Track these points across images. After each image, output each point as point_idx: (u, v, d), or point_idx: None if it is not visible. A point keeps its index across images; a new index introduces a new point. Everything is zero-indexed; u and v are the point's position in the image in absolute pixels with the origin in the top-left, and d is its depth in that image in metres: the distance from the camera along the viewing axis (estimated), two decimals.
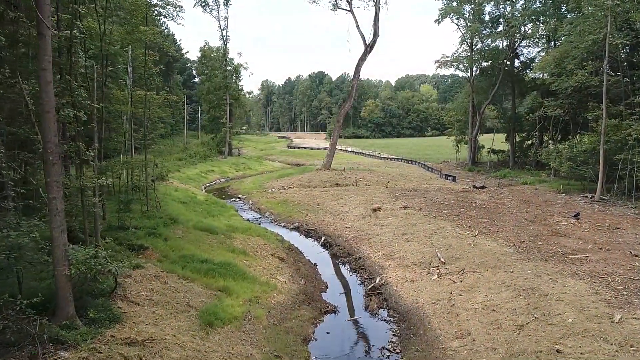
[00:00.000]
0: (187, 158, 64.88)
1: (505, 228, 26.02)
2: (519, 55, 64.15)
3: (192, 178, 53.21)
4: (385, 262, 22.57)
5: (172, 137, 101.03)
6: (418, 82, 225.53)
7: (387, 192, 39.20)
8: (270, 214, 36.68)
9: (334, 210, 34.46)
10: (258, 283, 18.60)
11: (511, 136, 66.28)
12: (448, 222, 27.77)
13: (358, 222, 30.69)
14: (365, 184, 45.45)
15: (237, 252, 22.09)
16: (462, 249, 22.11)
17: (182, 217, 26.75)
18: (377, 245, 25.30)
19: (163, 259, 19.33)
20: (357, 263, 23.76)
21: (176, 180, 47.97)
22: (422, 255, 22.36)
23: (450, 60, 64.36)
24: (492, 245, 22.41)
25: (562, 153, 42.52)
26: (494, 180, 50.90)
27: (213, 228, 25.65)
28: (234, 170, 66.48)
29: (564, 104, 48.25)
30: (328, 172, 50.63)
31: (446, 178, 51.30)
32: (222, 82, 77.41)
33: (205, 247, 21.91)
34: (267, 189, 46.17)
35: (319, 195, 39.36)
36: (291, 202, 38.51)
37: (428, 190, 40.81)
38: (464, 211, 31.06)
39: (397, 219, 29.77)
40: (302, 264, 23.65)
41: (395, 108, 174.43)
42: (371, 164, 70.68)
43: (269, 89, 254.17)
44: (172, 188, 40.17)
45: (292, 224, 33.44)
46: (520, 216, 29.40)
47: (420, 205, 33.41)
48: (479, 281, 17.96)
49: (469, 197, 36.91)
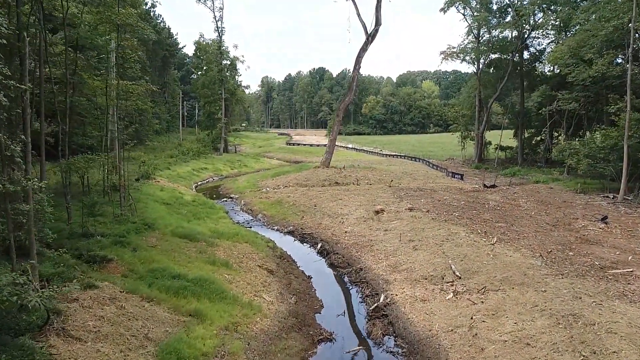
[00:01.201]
0: (179, 155, 61.72)
1: (526, 234, 22.89)
2: (528, 47, 60.86)
3: (183, 176, 50.11)
4: (391, 275, 19.46)
5: (167, 134, 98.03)
6: (420, 78, 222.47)
7: (391, 192, 36.09)
8: (263, 216, 33.56)
9: (333, 212, 31.35)
10: (239, 304, 15.50)
11: (520, 132, 63.13)
12: (460, 226, 24.64)
13: (359, 226, 27.58)
14: (367, 183, 42.33)
15: (219, 263, 18.98)
16: (480, 260, 19.00)
17: (160, 222, 23.67)
18: (381, 254, 22.19)
19: (128, 274, 16.29)
20: (358, 275, 20.65)
21: (165, 179, 44.91)
22: (433, 267, 19.25)
23: (457, 52, 61.12)
24: (514, 255, 19.29)
25: (580, 150, 39.32)
26: (504, 179, 47.77)
27: (194, 234, 22.55)
28: (229, 167, 63.35)
29: (579, 96, 45.08)
30: (327, 170, 47.45)
31: (453, 176, 48.17)
32: (217, 75, 74.25)
33: (181, 258, 18.83)
34: (261, 188, 43.06)
35: (317, 196, 36.24)
36: (286, 203, 35.39)
37: (435, 189, 37.67)
38: (476, 214, 27.92)
39: (403, 222, 26.66)
40: (294, 276, 20.54)
41: (397, 104, 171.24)
42: (373, 161, 67.56)
43: (269, 86, 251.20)
44: (157, 187, 37.13)
45: (286, 227, 30.34)
46: (540, 220, 26.27)
47: (428, 206, 30.30)
48: (504, 303, 14.84)
49: (480, 198, 33.78)
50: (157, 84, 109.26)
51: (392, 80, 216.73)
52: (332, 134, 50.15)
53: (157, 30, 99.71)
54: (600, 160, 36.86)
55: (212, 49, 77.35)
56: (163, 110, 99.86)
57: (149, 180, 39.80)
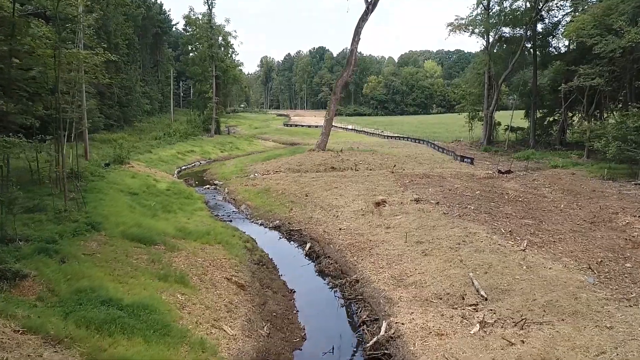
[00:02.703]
0: (164, 137, 57.16)
1: (562, 235, 18.57)
2: (543, 19, 55.64)
3: (165, 160, 45.73)
4: (395, 292, 15.17)
5: (160, 115, 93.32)
6: (422, 58, 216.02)
7: (393, 179, 31.71)
8: (247, 207, 29.23)
9: (326, 203, 26.98)
10: (187, 343, 11.23)
11: (532, 112, 58.31)
12: (479, 224, 20.31)
13: (356, 222, 23.24)
14: (367, 168, 37.90)
15: (173, 278, 14.66)
16: (510, 273, 14.71)
17: (111, 219, 19.33)
18: (382, 260, 17.88)
19: (45, 297, 11.99)
20: (353, 290, 16.37)
21: (143, 163, 40.58)
22: (449, 281, 14.96)
23: (465, 23, 55.94)
24: (555, 267, 14.99)
25: (608, 131, 34.77)
26: (518, 163, 43.28)
27: (152, 235, 18.21)
28: (219, 150, 58.84)
29: (604, 71, 40.31)
30: (322, 154, 42.90)
31: (462, 160, 43.66)
32: (207, 52, 69.19)
33: (123, 270, 14.52)
34: (249, 174, 38.64)
35: (309, 183, 31.87)
36: (274, 192, 31.03)
37: (443, 176, 33.26)
38: (495, 207, 23.57)
39: (408, 217, 22.33)
40: (272, 291, 16.28)
41: (398, 84, 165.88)
42: (373, 143, 63.01)
43: (268, 66, 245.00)
44: (129, 174, 32.75)
45: (271, 221, 26.02)
46: (573, 215, 21.93)
47: (437, 197, 25.93)
48: (555, 345, 10.56)
49: (496, 186, 29.41)
50: (149, 62, 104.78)
51: (393, 60, 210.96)
52: (328, 114, 45.44)
53: (147, 5, 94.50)
54: (632, 143, 32.36)
55: (202, 22, 72.09)
56: (155, 90, 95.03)
57: (121, 166, 35.41)
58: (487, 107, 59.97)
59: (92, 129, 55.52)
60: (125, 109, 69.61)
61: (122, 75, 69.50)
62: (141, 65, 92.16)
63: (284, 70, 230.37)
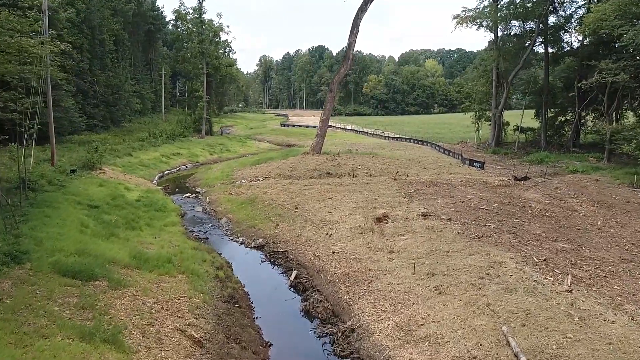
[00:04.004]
0: (148, 138, 53.24)
1: (612, 266, 14.75)
2: (557, 11, 51.76)
3: (147, 164, 41.84)
4: (402, 350, 11.35)
5: (153, 115, 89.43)
6: (423, 57, 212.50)
7: (397, 188, 27.87)
8: (228, 221, 25.39)
9: (318, 217, 23.12)
10: None
11: (543, 111, 54.47)
12: (503, 249, 16.46)
13: (353, 242, 19.40)
14: (366, 174, 34.05)
15: (101, 337, 10.76)
16: (558, 327, 10.88)
17: (46, 245, 15.45)
18: (385, 300, 14.05)
19: None
20: (348, 343, 12.54)
21: (119, 168, 36.74)
22: (474, 336, 11.14)
23: (473, 16, 51.99)
24: (617, 320, 11.14)
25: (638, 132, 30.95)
26: (532, 168, 39.42)
27: (91, 268, 14.28)
28: (207, 153, 54.90)
29: (628, 65, 36.47)
30: (317, 158, 38.93)
31: (471, 164, 39.73)
32: (198, 47, 65.27)
33: (34, 327, 10.64)
34: (235, 180, 34.79)
35: (300, 192, 28.02)
36: (260, 203, 27.18)
37: (453, 184, 29.41)
38: (520, 224, 19.74)
39: (416, 238, 18.50)
40: (240, 346, 12.41)
41: (399, 83, 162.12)
42: (374, 145, 59.12)
43: (267, 65, 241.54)
44: (97, 181, 28.95)
45: (254, 239, 22.19)
46: (616, 235, 18.12)
47: (448, 211, 22.10)
48: None
49: (515, 196, 25.58)
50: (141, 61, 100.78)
51: (394, 59, 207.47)
52: (324, 113, 41.43)
53: (138, 0, 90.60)
54: None
55: (193, 17, 68.20)
56: (147, 89, 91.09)
57: (91, 172, 31.59)
58: (495, 106, 56.08)
59: (71, 129, 51.92)
60: (112, 109, 65.90)
61: (109, 72, 65.89)
62: (132, 64, 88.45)
63: (283, 69, 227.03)
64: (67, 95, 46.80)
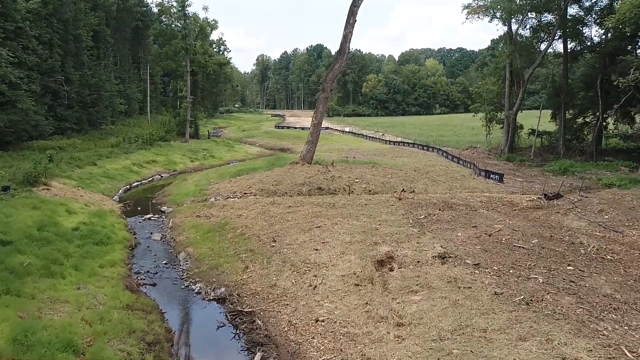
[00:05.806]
0: (121, 143, 47.56)
1: None
2: (579, 0, 46.22)
3: (112, 175, 36.15)
4: None
5: (140, 116, 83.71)
6: (423, 56, 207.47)
7: (403, 212, 22.28)
8: (187, 257, 19.80)
9: (301, 257, 17.47)
10: None
11: (562, 113, 48.96)
12: (570, 329, 10.86)
13: (345, 302, 13.79)
14: (365, 190, 28.50)
15: None
16: None
17: None
18: None
19: None
20: None
21: (74, 182, 31.14)
22: None
23: (486, 5, 46.43)
24: None
25: None
26: (556, 179, 33.88)
27: None
28: (188, 159, 49.20)
29: None
30: (307, 169, 33.16)
31: (487, 177, 33.97)
32: (181, 43, 59.65)
33: None
34: (209, 197, 29.18)
35: (282, 217, 22.43)
36: (231, 230, 21.59)
37: (472, 205, 23.81)
38: (578, 277, 14.13)
39: (434, 300, 12.92)
40: None
41: (399, 83, 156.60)
42: (373, 150, 53.55)
43: (265, 64, 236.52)
44: (32, 202, 23.27)
45: (214, 287, 16.59)
46: None
47: (474, 250, 16.52)
48: None
49: (555, 226, 20.00)
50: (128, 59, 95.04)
51: (394, 58, 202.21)
52: (315, 117, 35.50)
53: None
54: None
55: (176, 10, 62.60)
56: (134, 89, 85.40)
57: (33, 188, 26.01)
58: (509, 108, 50.49)
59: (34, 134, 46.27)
60: (90, 110, 60.24)
61: (86, 71, 60.27)
62: (118, 62, 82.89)
63: (281, 68, 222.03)
64: (25, 95, 41.17)
